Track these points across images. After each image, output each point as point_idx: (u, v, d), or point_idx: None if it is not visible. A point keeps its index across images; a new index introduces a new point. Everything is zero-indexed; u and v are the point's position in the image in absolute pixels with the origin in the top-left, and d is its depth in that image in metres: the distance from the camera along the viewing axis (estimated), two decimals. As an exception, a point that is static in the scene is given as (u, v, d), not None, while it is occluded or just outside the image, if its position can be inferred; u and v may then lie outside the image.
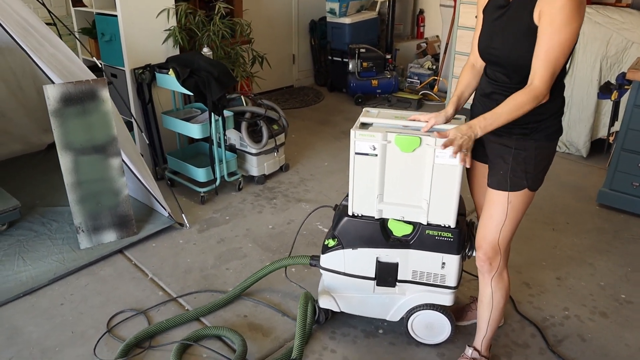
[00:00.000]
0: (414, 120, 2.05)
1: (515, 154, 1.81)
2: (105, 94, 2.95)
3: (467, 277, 2.77)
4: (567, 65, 1.78)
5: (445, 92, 5.34)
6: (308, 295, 2.30)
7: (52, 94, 2.83)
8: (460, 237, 2.07)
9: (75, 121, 2.91)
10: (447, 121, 2.02)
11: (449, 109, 2.03)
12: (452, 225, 2.06)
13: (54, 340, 2.37)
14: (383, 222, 2.14)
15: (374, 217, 2.13)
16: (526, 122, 1.75)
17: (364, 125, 2.08)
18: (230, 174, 3.74)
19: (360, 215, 2.16)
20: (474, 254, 2.13)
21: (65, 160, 2.94)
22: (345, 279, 2.26)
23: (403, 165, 2.01)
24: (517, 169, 1.81)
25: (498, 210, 1.86)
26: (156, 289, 2.71)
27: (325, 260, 2.28)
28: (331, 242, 2.24)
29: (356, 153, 2.04)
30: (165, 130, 3.85)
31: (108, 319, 2.49)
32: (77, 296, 2.66)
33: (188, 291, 2.69)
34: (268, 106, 3.96)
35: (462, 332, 2.39)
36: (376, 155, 2.01)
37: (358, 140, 2.01)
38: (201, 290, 2.70)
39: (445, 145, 1.72)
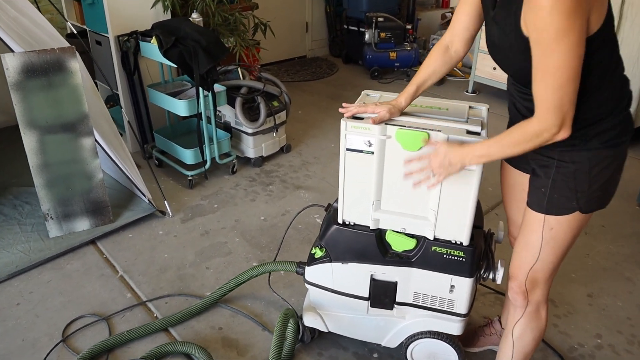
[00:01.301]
0: (354, 110, 1.62)
1: (560, 166, 1.39)
2: (74, 64, 2.57)
3: (483, 290, 2.38)
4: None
5: (470, 68, 4.84)
6: (289, 314, 1.94)
7: (11, 64, 2.47)
8: (474, 257, 1.67)
9: (40, 96, 2.55)
10: (397, 115, 1.61)
11: (401, 100, 1.63)
12: (465, 243, 1.66)
13: (1, 348, 2.07)
14: (380, 233, 1.75)
15: (369, 228, 1.74)
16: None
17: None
18: (223, 156, 3.37)
19: (352, 224, 1.77)
20: (491, 277, 1.73)
21: (29, 140, 2.60)
22: (334, 296, 1.90)
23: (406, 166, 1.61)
24: (563, 187, 1.39)
25: (537, 236, 1.46)
26: (125, 290, 2.39)
27: (311, 273, 1.91)
28: (318, 252, 1.87)
29: (347, 149, 1.64)
30: (154, 104, 3.48)
31: (65, 325, 2.18)
32: (37, 295, 2.35)
33: (160, 294, 2.36)
34: (268, 80, 3.55)
35: (472, 361, 2.02)
36: (372, 153, 1.61)
37: (350, 133, 1.61)
38: (174, 293, 2.36)
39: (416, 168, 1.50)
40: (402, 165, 1.59)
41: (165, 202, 2.95)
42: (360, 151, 1.62)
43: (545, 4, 1.11)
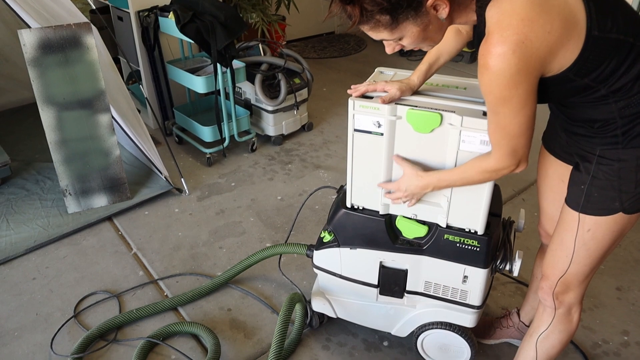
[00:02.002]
0: (363, 89, 1.54)
1: (602, 163, 1.25)
2: (90, 40, 2.55)
3: (503, 279, 2.27)
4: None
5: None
6: (295, 298, 1.89)
7: (28, 40, 2.46)
8: (490, 247, 1.57)
9: (57, 72, 2.54)
10: (409, 94, 1.52)
11: (414, 78, 1.54)
12: (480, 232, 1.56)
13: (16, 322, 2.10)
14: (390, 219, 1.66)
15: (378, 213, 1.66)
16: (608, 121, 1.20)
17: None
18: (242, 133, 3.32)
19: (361, 208, 1.69)
20: (507, 268, 1.63)
21: (46, 116, 2.60)
22: (343, 282, 1.83)
23: (417, 149, 1.51)
24: (605, 185, 1.25)
25: (572, 237, 1.34)
26: (137, 268, 2.38)
27: (319, 257, 1.84)
28: (326, 236, 1.80)
29: (356, 130, 1.55)
30: (174, 81, 3.44)
31: (77, 301, 2.19)
32: (52, 270, 2.38)
33: (171, 273, 2.35)
34: (289, 56, 3.45)
35: (486, 353, 1.93)
36: (382, 134, 1.52)
37: (358, 113, 1.52)
38: (186, 272, 2.34)
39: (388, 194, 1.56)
40: (414, 148, 1.49)
41: (182, 179, 2.92)
42: (369, 132, 1.53)
43: (486, 70, 1.10)
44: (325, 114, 3.90)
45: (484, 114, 1.42)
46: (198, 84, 3.02)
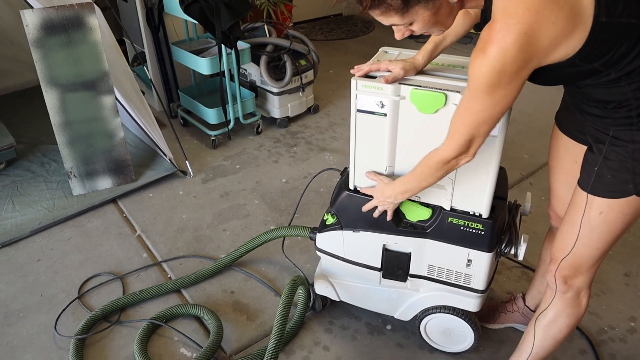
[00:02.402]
0: (366, 68, 1.52)
1: (615, 144, 1.21)
2: (92, 21, 2.52)
3: (508, 263, 2.24)
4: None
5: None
6: (297, 281, 1.87)
7: (30, 20, 2.45)
8: (495, 230, 1.54)
9: (60, 53, 2.52)
10: (414, 73, 1.48)
11: (419, 57, 1.51)
12: (485, 215, 1.53)
13: (21, 302, 2.11)
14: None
15: (381, 195, 1.63)
16: (622, 103, 1.16)
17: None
18: (247, 116, 3.29)
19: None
20: (512, 252, 1.60)
21: (50, 98, 2.58)
22: (346, 265, 1.81)
23: (421, 130, 1.48)
24: (618, 167, 1.21)
25: (584, 219, 1.30)
26: (141, 250, 2.38)
27: (322, 240, 1.83)
28: (330, 219, 1.78)
29: (358, 110, 1.52)
30: (179, 63, 3.41)
31: (82, 283, 2.20)
32: (57, 252, 2.38)
33: (175, 255, 2.34)
34: (295, 38, 3.40)
35: (490, 337, 1.91)
36: (385, 115, 1.48)
37: (361, 93, 1.49)
38: (189, 255, 2.34)
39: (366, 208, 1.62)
40: (418, 129, 1.46)
41: (186, 162, 2.91)
42: (372, 113, 1.50)
43: (482, 55, 1.07)
44: (331, 97, 3.86)
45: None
46: (202, 66, 2.99)
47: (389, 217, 1.60)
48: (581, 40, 1.06)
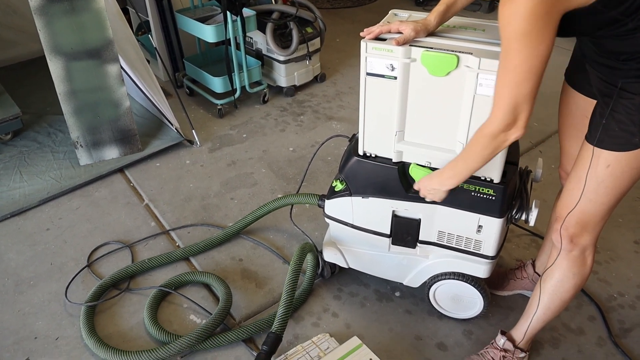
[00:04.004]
0: (377, 30, 1.47)
1: (622, 96, 1.19)
2: (95, -14, 2.46)
3: (517, 231, 2.23)
4: None
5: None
6: (306, 248, 1.86)
7: (32, -14, 2.39)
8: (506, 196, 1.52)
9: (64, 20, 2.48)
10: (424, 35, 1.44)
11: (431, 18, 1.45)
12: (496, 180, 1.51)
13: (31, 271, 2.13)
14: (403, 167, 1.61)
15: (391, 160, 1.61)
16: (633, 55, 1.14)
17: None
18: (254, 84, 3.25)
19: (373, 155, 1.64)
20: (523, 218, 1.59)
21: (55, 67, 2.55)
22: (354, 231, 1.80)
23: (432, 93, 1.45)
24: (625, 120, 1.19)
25: (591, 174, 1.29)
26: (149, 218, 2.39)
27: (330, 207, 1.81)
28: (338, 185, 1.76)
29: (368, 74, 1.48)
30: (184, 31, 3.35)
31: (91, 251, 2.21)
32: (66, 221, 2.39)
33: (183, 224, 2.34)
34: (301, 5, 3.33)
35: (498, 304, 1.91)
36: (395, 78, 1.45)
37: (371, 55, 1.45)
38: (197, 223, 2.34)
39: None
40: (429, 93, 1.43)
41: (193, 131, 2.89)
42: (382, 76, 1.46)
43: (508, 2, 1.05)
44: (338, 65, 3.80)
45: (504, 54, 1.34)
46: (207, 33, 2.94)
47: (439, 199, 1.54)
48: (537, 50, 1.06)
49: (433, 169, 1.57)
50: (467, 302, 1.79)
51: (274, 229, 2.29)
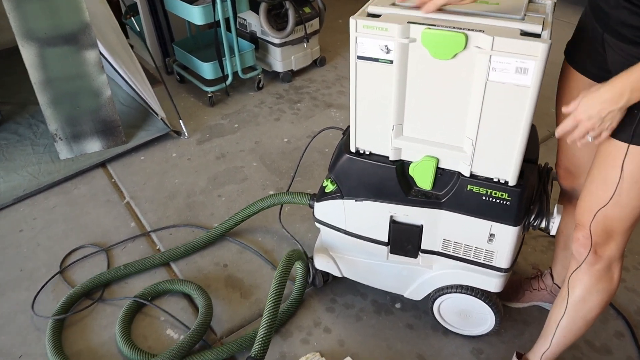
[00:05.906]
0: (439, 2, 1.17)
1: None
2: (67, -37, 2.24)
3: (533, 232, 2.00)
4: None
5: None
6: (294, 256, 1.65)
7: (-4, -38, 2.17)
8: (523, 200, 1.29)
9: (35, 3, 2.26)
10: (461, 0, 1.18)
11: None
12: (512, 183, 1.28)
13: (-1, 278, 1.95)
14: (402, 166, 1.39)
15: (388, 159, 1.39)
16: None
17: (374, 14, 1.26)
18: (247, 70, 3.02)
19: (367, 152, 1.42)
20: (543, 225, 1.36)
21: (28, 54, 2.35)
22: (348, 238, 1.59)
23: (436, 80, 1.21)
24: None
25: (618, 171, 1.07)
26: (129, 218, 2.19)
27: (320, 210, 1.60)
28: (329, 186, 1.55)
29: (359, 57, 1.25)
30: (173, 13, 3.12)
31: (64, 255, 2.02)
32: (40, 221, 2.20)
33: (165, 224, 2.15)
34: (298, -18, 3.08)
35: (512, 317, 1.69)
36: (391, 62, 1.22)
37: (361, 35, 1.22)
38: (180, 224, 2.14)
39: (564, 131, 1.08)
40: (432, 79, 1.20)
41: (180, 121, 2.68)
42: (376, 60, 1.23)
43: None
44: (339, 48, 3.55)
45: (523, 33, 1.11)
46: (194, 14, 2.71)
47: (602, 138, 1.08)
48: None
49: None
50: (477, 318, 1.58)
51: (263, 230, 2.09)
